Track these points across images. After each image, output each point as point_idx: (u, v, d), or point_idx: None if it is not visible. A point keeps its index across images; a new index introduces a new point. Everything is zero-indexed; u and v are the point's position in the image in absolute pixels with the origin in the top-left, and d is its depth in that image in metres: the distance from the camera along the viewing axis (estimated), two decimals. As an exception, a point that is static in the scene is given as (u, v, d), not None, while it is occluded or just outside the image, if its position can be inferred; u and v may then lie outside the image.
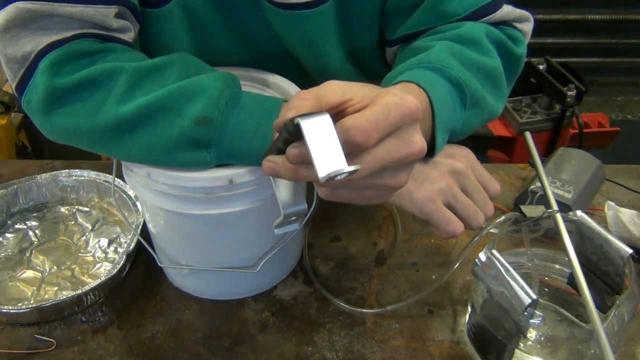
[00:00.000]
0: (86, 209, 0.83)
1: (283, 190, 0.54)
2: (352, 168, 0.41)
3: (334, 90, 0.45)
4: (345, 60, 0.74)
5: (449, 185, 0.57)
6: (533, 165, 0.73)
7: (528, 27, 0.71)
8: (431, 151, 0.57)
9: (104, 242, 0.77)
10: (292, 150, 0.44)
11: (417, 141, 0.46)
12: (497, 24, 0.68)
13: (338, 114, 0.45)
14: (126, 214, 0.78)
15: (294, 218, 0.55)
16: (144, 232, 0.72)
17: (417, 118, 0.45)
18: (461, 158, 0.60)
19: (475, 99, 0.61)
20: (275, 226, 0.56)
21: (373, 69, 0.77)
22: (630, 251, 0.57)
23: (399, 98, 0.44)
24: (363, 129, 0.42)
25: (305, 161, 0.43)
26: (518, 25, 0.69)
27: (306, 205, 0.54)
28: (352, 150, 0.43)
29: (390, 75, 0.61)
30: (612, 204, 0.77)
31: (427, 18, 0.67)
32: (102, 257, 0.75)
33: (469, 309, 0.62)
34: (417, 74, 0.58)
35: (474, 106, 0.61)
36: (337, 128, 0.42)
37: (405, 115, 0.44)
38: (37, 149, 1.78)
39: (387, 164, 0.45)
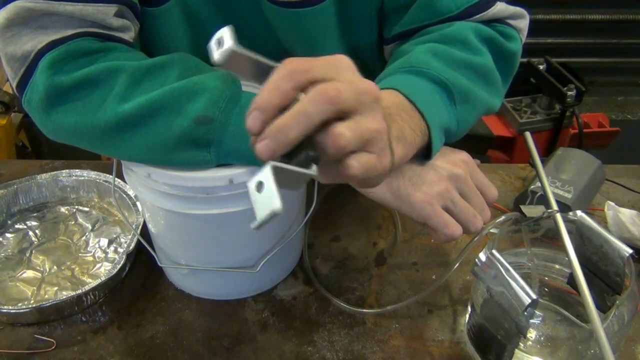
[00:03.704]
0: (86, 209, 0.83)
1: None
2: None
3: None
4: (345, 60, 0.74)
5: (447, 190, 0.57)
6: (533, 165, 0.73)
7: (523, 23, 0.71)
8: (428, 152, 0.57)
9: (104, 242, 0.77)
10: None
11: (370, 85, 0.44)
12: (490, 22, 0.68)
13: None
14: (126, 214, 0.78)
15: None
16: (144, 232, 0.72)
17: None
18: (460, 163, 0.60)
19: (464, 95, 0.61)
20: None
21: (373, 68, 0.77)
22: (630, 251, 0.57)
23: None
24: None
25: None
26: (512, 22, 0.70)
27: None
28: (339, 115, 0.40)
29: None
30: (612, 204, 0.77)
31: (422, 15, 0.67)
32: (102, 257, 0.75)
33: (469, 309, 0.62)
34: (397, 79, 0.59)
35: (465, 102, 0.61)
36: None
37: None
38: (37, 149, 1.78)
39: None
